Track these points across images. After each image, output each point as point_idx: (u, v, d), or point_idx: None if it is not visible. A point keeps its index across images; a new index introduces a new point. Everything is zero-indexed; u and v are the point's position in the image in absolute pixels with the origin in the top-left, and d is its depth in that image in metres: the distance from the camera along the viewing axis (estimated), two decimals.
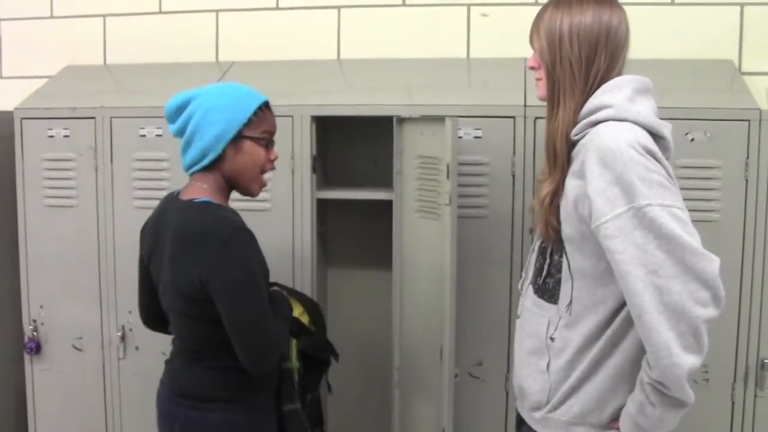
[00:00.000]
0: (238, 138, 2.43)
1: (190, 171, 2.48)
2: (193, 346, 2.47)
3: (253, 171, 2.50)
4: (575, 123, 2.06)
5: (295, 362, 2.65)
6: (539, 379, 2.15)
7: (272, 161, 2.55)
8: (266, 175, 2.56)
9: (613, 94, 2.02)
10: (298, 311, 2.78)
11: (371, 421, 3.62)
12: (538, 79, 2.19)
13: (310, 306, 2.84)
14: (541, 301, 2.19)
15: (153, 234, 2.55)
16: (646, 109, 2.02)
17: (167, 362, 2.60)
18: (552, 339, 2.12)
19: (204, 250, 2.30)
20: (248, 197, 2.57)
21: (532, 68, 2.20)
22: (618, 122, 1.97)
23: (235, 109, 2.43)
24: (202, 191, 2.44)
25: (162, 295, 2.53)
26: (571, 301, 2.09)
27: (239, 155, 2.45)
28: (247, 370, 2.34)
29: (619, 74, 2.10)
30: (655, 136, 2.00)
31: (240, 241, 2.32)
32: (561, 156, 2.08)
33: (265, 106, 2.53)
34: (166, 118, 2.51)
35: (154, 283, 2.57)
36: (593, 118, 2.01)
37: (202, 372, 2.44)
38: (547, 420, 2.13)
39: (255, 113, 2.46)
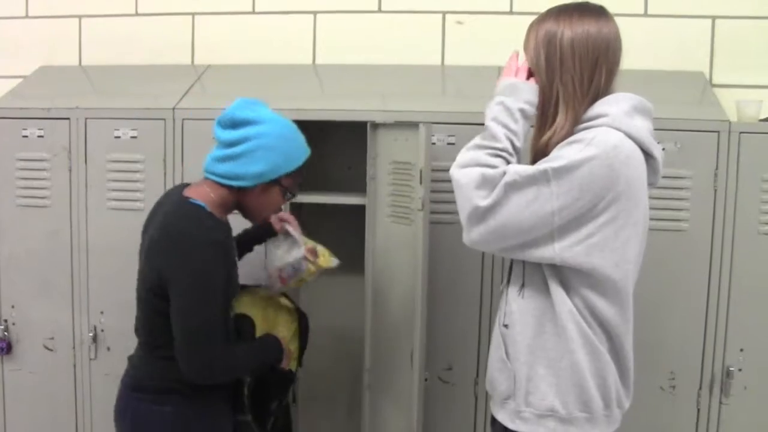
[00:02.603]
0: (273, 182, 2.48)
1: (209, 178, 2.48)
2: (149, 336, 2.49)
3: (265, 211, 2.58)
4: (570, 134, 2.08)
5: (246, 378, 2.68)
6: (503, 369, 2.17)
7: (277, 208, 2.62)
8: None
9: (611, 106, 2.04)
10: (289, 318, 2.85)
11: (341, 423, 3.62)
12: None
13: (301, 316, 2.90)
14: (505, 291, 2.24)
15: (147, 222, 2.60)
16: (640, 125, 2.05)
17: (129, 358, 2.62)
18: (506, 326, 2.15)
19: (173, 250, 2.34)
20: None
21: None
22: (613, 129, 2.00)
23: (287, 157, 2.48)
24: (205, 196, 2.45)
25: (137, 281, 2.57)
26: (523, 283, 2.13)
27: (264, 195, 2.50)
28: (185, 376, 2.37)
29: (613, 86, 2.13)
30: (646, 155, 2.04)
31: (207, 253, 2.33)
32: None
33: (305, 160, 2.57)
34: (219, 121, 2.49)
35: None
36: (588, 125, 2.04)
37: (156, 362, 2.45)
38: (518, 413, 2.15)
39: (301, 166, 2.53)
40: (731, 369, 3.13)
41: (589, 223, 1.97)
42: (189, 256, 2.32)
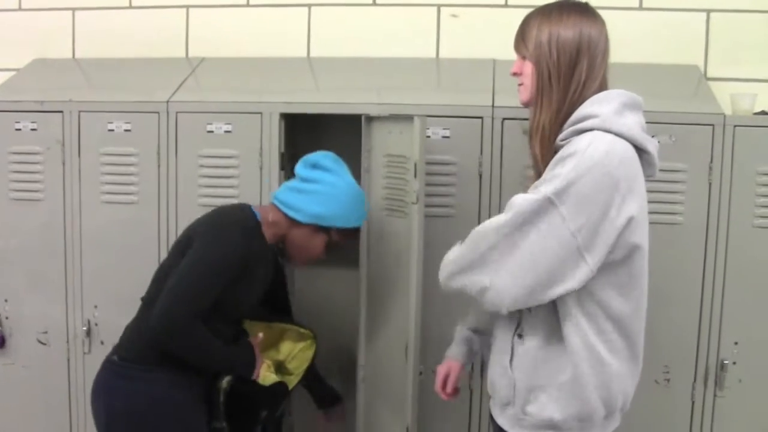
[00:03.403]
0: (324, 229, 2.71)
1: (274, 203, 2.75)
2: (154, 297, 2.53)
3: (303, 253, 2.79)
4: (552, 126, 2.10)
5: (223, 384, 2.70)
6: (504, 376, 2.17)
7: (319, 256, 2.83)
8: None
9: (600, 106, 2.04)
10: (306, 342, 3.03)
11: None
12: (520, 84, 2.22)
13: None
14: None
15: None
16: (631, 123, 2.05)
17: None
18: (520, 336, 2.14)
19: (211, 223, 2.61)
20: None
21: (515, 74, 2.23)
22: (602, 133, 1.99)
23: (345, 214, 2.73)
24: (264, 214, 2.71)
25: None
26: None
27: (310, 238, 2.74)
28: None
29: (603, 82, 2.13)
30: (640, 150, 2.04)
31: (236, 239, 2.54)
32: (539, 161, 2.14)
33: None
34: (303, 160, 2.79)
35: None
36: (579, 126, 2.04)
37: (144, 322, 2.51)
38: (519, 420, 2.15)
39: (352, 228, 2.80)
40: (725, 362, 3.13)
41: (610, 230, 1.96)
42: (220, 232, 2.55)
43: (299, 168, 2.76)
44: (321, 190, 2.69)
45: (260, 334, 2.79)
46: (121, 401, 2.55)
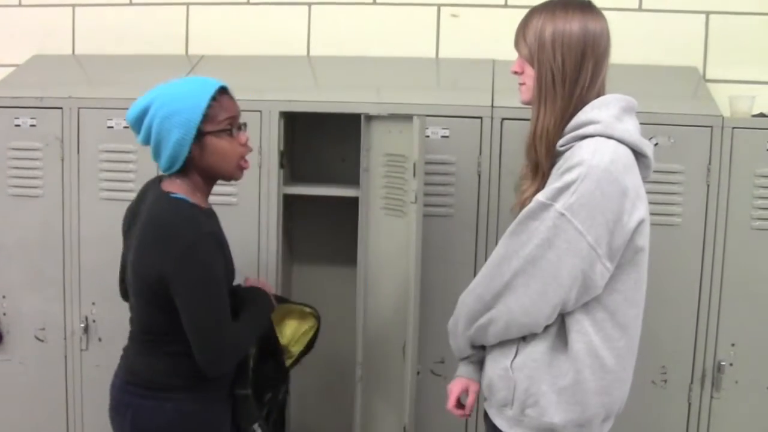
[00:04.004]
0: (199, 136, 2.36)
1: (168, 174, 2.44)
2: (148, 330, 2.46)
3: (225, 163, 2.44)
4: (556, 129, 2.10)
5: (252, 350, 2.67)
6: (504, 378, 2.16)
7: (244, 145, 2.48)
8: None
9: (600, 111, 2.04)
10: (309, 324, 2.89)
11: (333, 416, 3.62)
12: (521, 84, 2.21)
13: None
14: None
15: (131, 214, 2.56)
16: (632, 128, 2.06)
17: (124, 349, 2.60)
18: (524, 338, 2.13)
19: (168, 249, 2.30)
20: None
21: (516, 73, 2.22)
22: (605, 139, 2.00)
23: (188, 109, 2.35)
24: (179, 187, 2.41)
25: (127, 274, 2.51)
26: None
27: (206, 153, 2.39)
28: (203, 370, 2.34)
29: (603, 82, 2.13)
30: (638, 154, 2.05)
31: (203, 246, 2.32)
32: (542, 165, 2.13)
33: (219, 94, 2.42)
34: (132, 128, 2.44)
35: (123, 259, 2.57)
36: (580, 132, 2.04)
37: (155, 358, 2.43)
38: (518, 422, 2.15)
39: (209, 106, 2.37)
40: (722, 363, 3.14)
41: (624, 234, 1.98)
42: (189, 251, 2.29)
43: (137, 135, 2.43)
44: (157, 128, 2.34)
45: (248, 278, 2.75)
46: (149, 419, 2.49)
